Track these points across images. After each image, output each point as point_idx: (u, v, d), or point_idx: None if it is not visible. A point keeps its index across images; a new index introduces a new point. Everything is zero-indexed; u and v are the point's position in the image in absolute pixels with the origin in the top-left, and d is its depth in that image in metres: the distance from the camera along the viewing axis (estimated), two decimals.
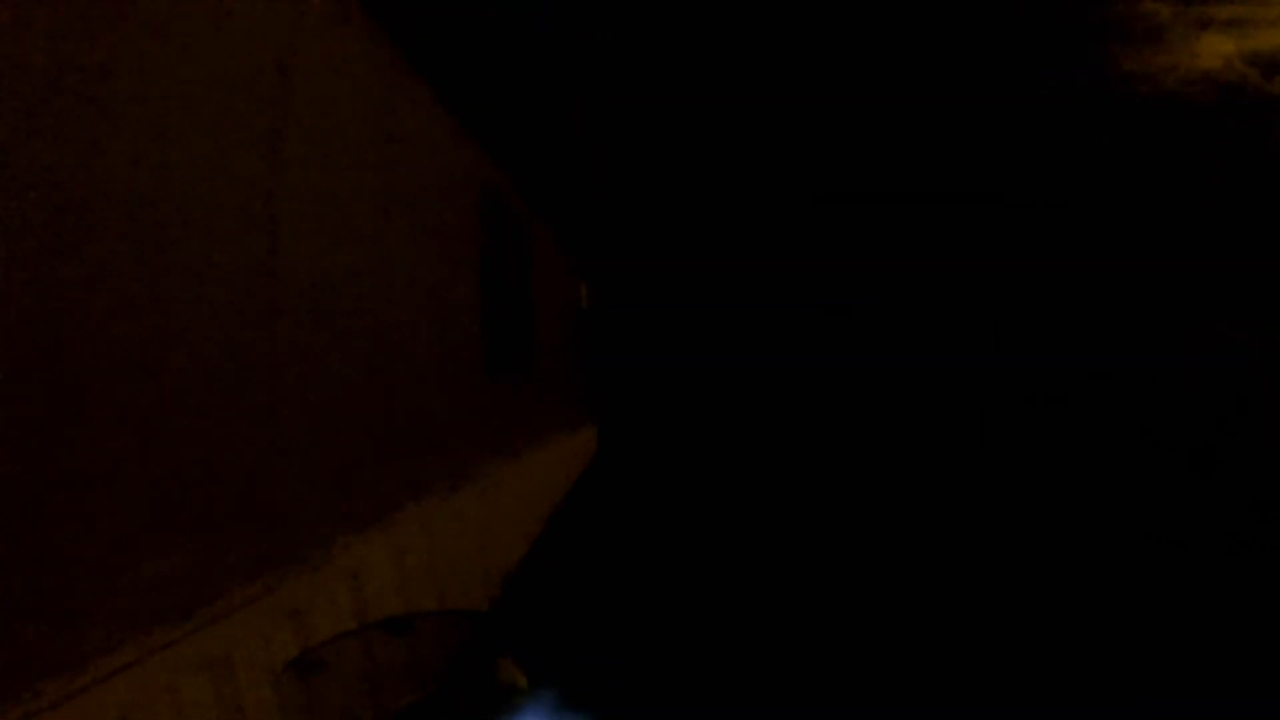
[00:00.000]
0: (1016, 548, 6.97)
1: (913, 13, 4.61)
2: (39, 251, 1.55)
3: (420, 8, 3.57)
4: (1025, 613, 4.84)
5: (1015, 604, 5.03)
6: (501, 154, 5.91)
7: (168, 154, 1.97)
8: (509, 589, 4.79)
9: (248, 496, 2.30)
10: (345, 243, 3.08)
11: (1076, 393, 9.46)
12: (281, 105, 2.61)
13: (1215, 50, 6.23)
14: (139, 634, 1.71)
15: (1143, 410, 9.07)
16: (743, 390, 11.07)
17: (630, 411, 11.40)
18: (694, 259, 10.87)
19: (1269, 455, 8.12)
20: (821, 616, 4.56)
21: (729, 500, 8.64)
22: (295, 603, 2.40)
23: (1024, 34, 5.43)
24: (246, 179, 2.39)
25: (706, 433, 10.99)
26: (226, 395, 2.22)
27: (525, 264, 7.01)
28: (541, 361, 7.43)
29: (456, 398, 4.47)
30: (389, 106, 3.64)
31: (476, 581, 4.37)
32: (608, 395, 11.25)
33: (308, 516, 2.63)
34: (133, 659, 1.64)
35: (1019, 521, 8.25)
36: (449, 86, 4.44)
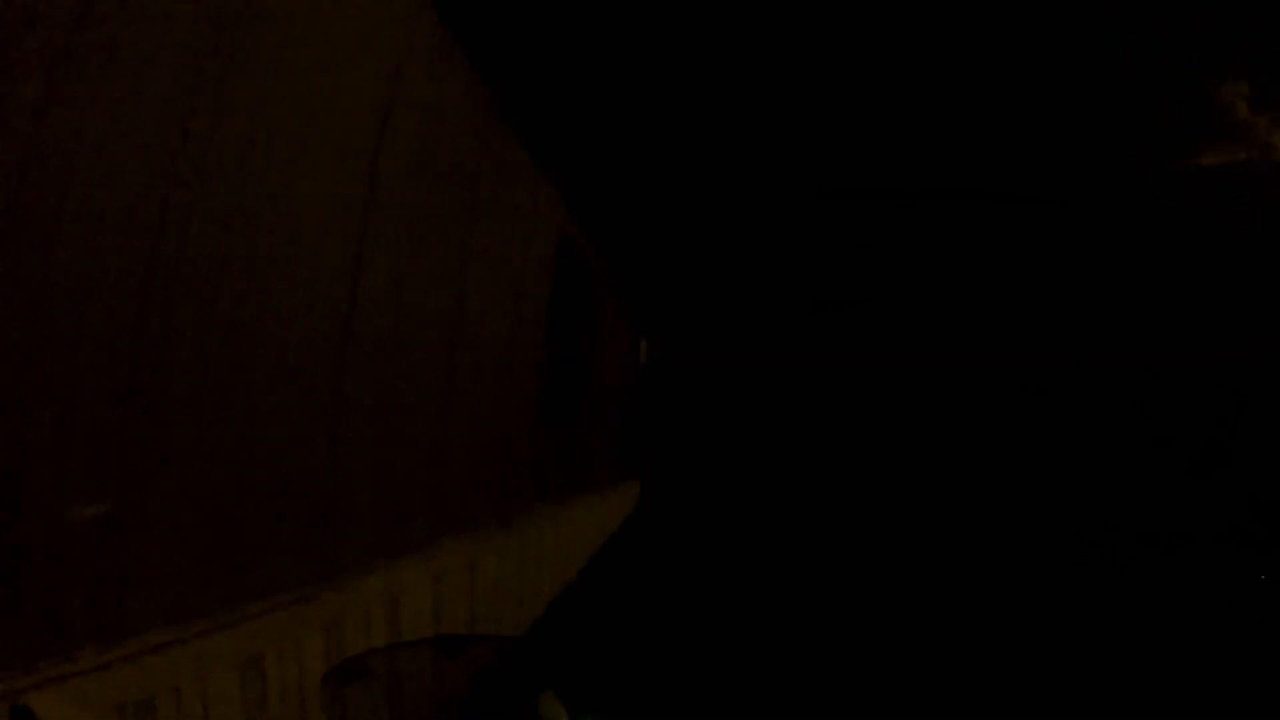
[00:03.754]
0: (1017, 547, 7.05)
1: (987, 96, 4.63)
2: (133, 275, 1.61)
3: (512, 49, 3.71)
4: (1025, 612, 4.82)
5: (1016, 603, 5.02)
6: (576, 203, 6.05)
7: (267, 184, 2.06)
8: (537, 627, 4.74)
9: (300, 508, 2.30)
10: (423, 281, 3.15)
11: (1076, 392, 9.33)
12: (379, 142, 2.72)
13: None
14: (177, 619, 1.69)
15: (1144, 409, 8.89)
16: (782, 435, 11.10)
17: (676, 466, 11.43)
18: (758, 332, 10.88)
19: (1271, 453, 7.86)
20: (833, 629, 4.58)
21: (761, 534, 8.71)
22: (331, 616, 2.37)
23: (1096, 126, 5.35)
24: (338, 215, 2.47)
25: (747, 480, 11.01)
26: (294, 408, 2.24)
27: (591, 316, 7.08)
28: (594, 413, 7.42)
29: (509, 441, 4.47)
30: (478, 147, 3.77)
31: (508, 618, 4.27)
32: (656, 449, 11.28)
33: (355, 535, 2.61)
34: (167, 640, 1.61)
35: (1019, 521, 8.27)
36: (533, 129, 4.57)
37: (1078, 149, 5.56)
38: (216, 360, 1.87)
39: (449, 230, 3.41)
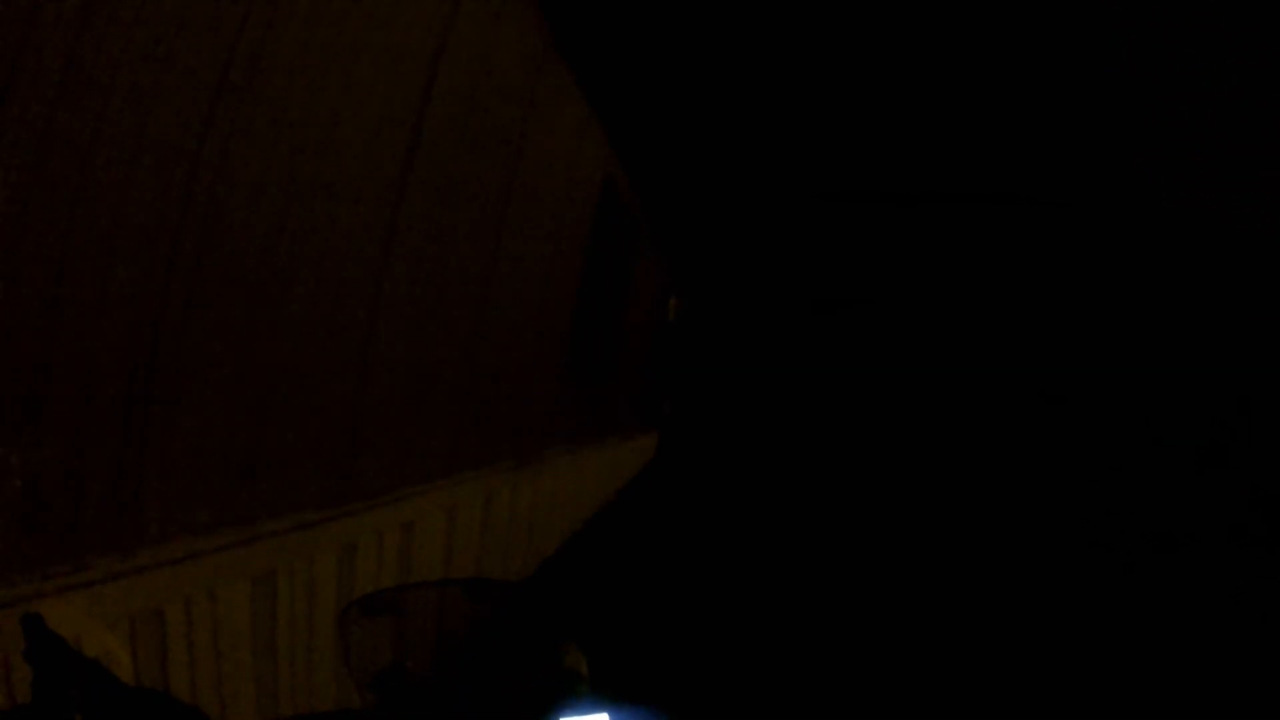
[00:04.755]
0: (1017, 547, 7.09)
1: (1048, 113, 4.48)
2: (183, 229, 1.57)
3: None
4: (1030, 609, 4.82)
5: (1020, 600, 5.01)
6: (623, 149, 5.90)
7: (309, 133, 2.00)
8: (545, 571, 4.81)
9: (322, 431, 2.31)
10: (463, 218, 3.10)
11: (1077, 391, 9.29)
12: (431, 73, 2.64)
13: None
14: (192, 532, 1.71)
15: (1145, 407, 8.82)
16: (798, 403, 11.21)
17: (694, 420, 11.53)
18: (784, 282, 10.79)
19: (1272, 451, 7.83)
20: (835, 614, 4.61)
21: (769, 508, 8.81)
22: (346, 539, 2.40)
23: (1104, 95, 5.11)
24: (382, 148, 2.41)
25: (761, 443, 11.12)
26: (325, 334, 2.23)
27: (628, 266, 6.99)
28: (621, 365, 7.40)
29: (534, 387, 4.46)
30: (531, 83, 3.66)
31: (517, 557, 4.34)
32: (677, 403, 11.35)
33: (374, 463, 2.63)
34: (181, 554, 1.64)
35: (1019, 521, 8.32)
36: (586, 70, 4.43)
37: (1081, 150, 5.37)
38: (251, 279, 1.85)
39: (492, 165, 3.33)
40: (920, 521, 8.15)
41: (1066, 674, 3.77)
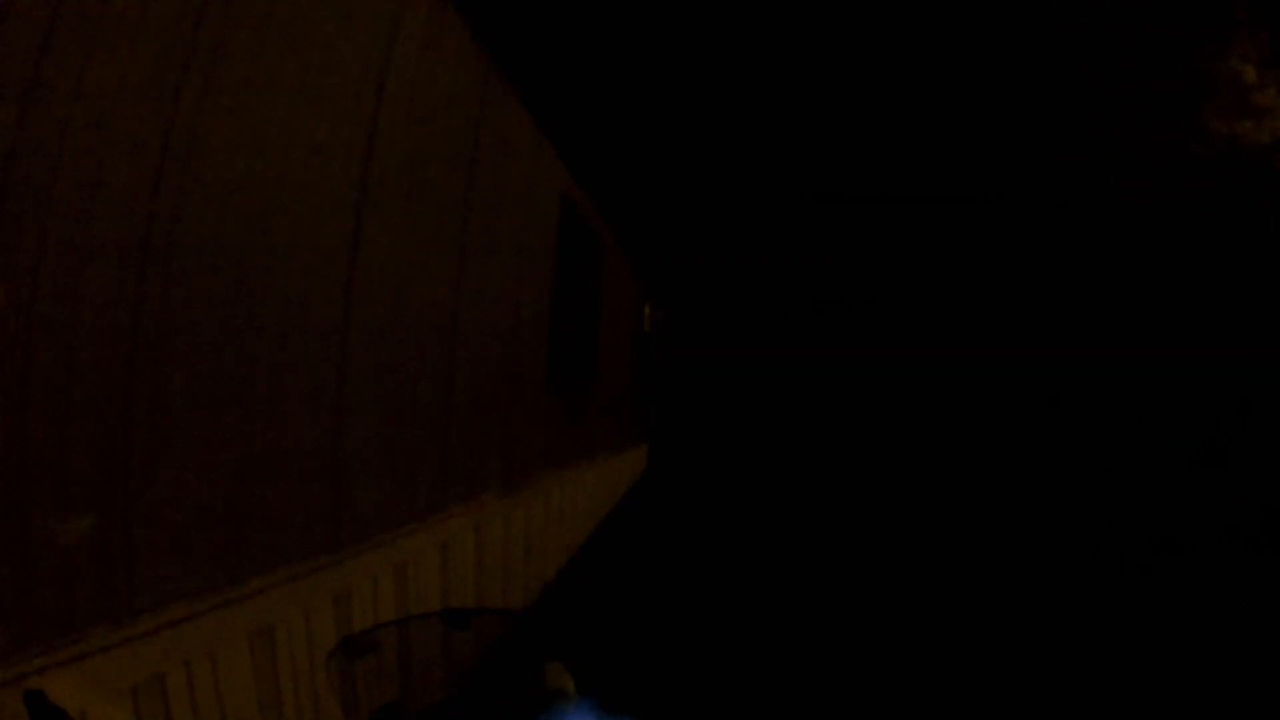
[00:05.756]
0: (1016, 547, 7.10)
1: (988, 63, 4.55)
2: (131, 249, 1.60)
3: (511, 10, 3.64)
4: (1023, 613, 4.84)
5: (1014, 604, 5.04)
6: (579, 167, 5.97)
7: (260, 154, 2.03)
8: (547, 596, 4.81)
9: (305, 480, 2.32)
10: (424, 247, 3.13)
11: (1076, 392, 9.32)
12: (376, 108, 2.68)
13: None
14: (186, 595, 1.73)
15: (1143, 409, 8.89)
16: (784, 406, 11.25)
17: (684, 429, 11.53)
18: (760, 287, 10.86)
19: (1270, 453, 7.87)
20: (836, 619, 4.64)
21: (765, 510, 8.81)
22: (340, 587, 2.41)
23: (1103, 94, 5.26)
24: (336, 185, 2.44)
25: (756, 448, 11.13)
26: (296, 381, 2.25)
27: (595, 281, 7.04)
28: (602, 378, 7.43)
29: (516, 408, 4.48)
30: (477, 110, 3.71)
31: (517, 586, 4.34)
32: (663, 413, 11.35)
33: (361, 506, 2.64)
34: (177, 618, 1.65)
35: (1019, 520, 8.32)
36: (533, 92, 4.49)
37: (1081, 151, 5.51)
38: (216, 336, 1.87)
39: (448, 194, 3.37)
40: (918, 521, 8.16)
41: (1065, 674, 3.79)
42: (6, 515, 1.30)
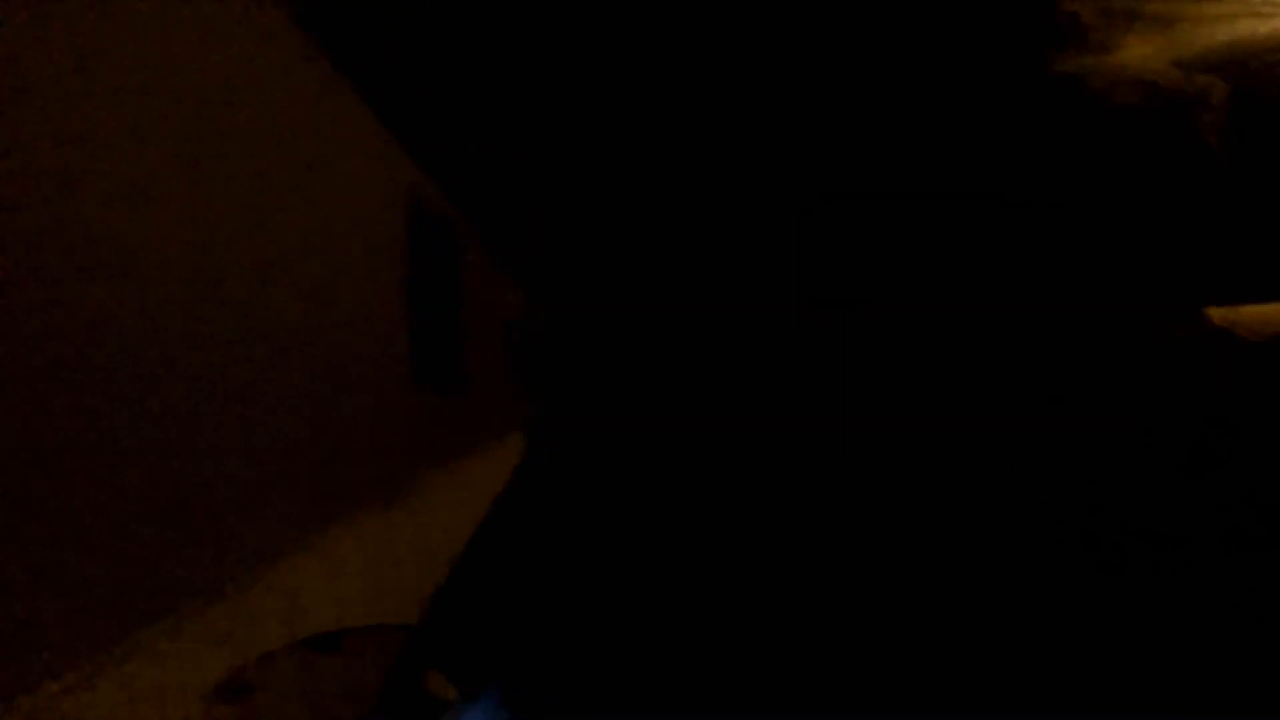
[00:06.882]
0: (1012, 548, 6.81)
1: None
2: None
3: (348, 18, 3.56)
4: (1020, 614, 4.73)
5: (1011, 605, 4.91)
6: (431, 162, 5.89)
7: (96, 161, 1.97)
8: (439, 601, 4.75)
9: (175, 522, 2.29)
10: (271, 256, 3.07)
11: (1074, 393, 9.39)
12: (216, 117, 2.60)
13: (1139, 50, 6.43)
14: (75, 661, 1.72)
15: (1139, 408, 8.92)
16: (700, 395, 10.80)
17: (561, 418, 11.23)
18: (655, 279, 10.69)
19: (1268, 453, 7.81)
20: (826, 614, 4.46)
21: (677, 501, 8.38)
22: (226, 627, 2.41)
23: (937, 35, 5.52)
24: (169, 200, 2.38)
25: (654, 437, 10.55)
26: (150, 417, 2.21)
27: (453, 273, 7.00)
28: (471, 372, 7.42)
29: (385, 411, 4.47)
30: (315, 116, 3.62)
31: (410, 596, 4.38)
32: (537, 401, 11.13)
33: (236, 538, 2.63)
34: (74, 684, 1.65)
35: (1016, 521, 8.09)
36: (375, 92, 4.40)
37: (1081, 151, 5.49)
38: (33, 389, 1.83)
39: (289, 201, 3.31)
40: (916, 520, 7.75)
41: (1062, 674, 3.79)
42: None
